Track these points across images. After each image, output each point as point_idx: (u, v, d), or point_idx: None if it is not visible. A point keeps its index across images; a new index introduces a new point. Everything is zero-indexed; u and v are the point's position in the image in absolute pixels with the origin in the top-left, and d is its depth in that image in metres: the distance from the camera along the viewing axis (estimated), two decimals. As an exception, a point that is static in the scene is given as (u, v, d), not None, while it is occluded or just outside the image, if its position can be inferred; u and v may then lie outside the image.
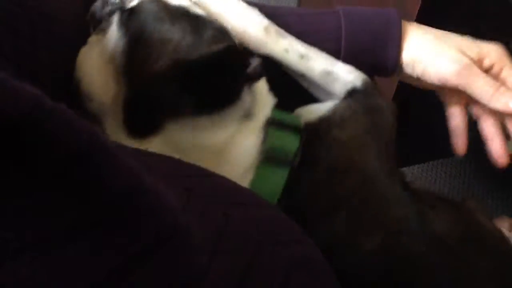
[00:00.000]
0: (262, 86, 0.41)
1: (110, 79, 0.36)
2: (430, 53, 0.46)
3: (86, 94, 0.37)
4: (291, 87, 0.46)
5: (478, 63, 0.46)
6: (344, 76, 0.44)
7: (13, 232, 0.18)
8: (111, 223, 0.21)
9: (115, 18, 0.38)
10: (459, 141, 0.50)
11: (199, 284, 0.22)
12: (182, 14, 0.38)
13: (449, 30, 0.48)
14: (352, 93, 0.44)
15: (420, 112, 0.68)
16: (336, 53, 0.46)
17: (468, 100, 0.49)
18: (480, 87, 0.44)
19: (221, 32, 0.38)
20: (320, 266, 0.31)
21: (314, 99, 0.47)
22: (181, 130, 0.36)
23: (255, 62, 0.37)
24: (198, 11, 0.39)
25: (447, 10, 0.64)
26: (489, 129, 0.48)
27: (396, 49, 0.46)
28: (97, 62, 0.37)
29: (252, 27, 0.42)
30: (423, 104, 0.58)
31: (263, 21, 0.43)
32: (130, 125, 0.36)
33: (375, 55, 0.47)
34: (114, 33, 0.37)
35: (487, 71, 0.46)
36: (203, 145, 0.37)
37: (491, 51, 0.47)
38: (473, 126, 0.50)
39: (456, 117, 0.50)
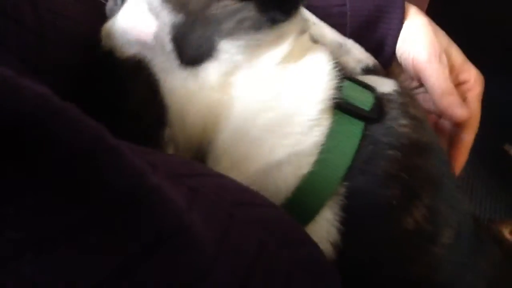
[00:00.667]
0: None
1: (147, 16, 0.35)
2: (418, 35, 0.46)
3: (125, 44, 0.35)
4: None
5: (455, 73, 0.46)
6: (356, 52, 0.44)
7: (15, 231, 0.18)
8: (113, 223, 0.20)
9: None
10: None
11: (201, 283, 0.22)
12: None
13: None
14: (367, 72, 0.44)
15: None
16: (342, 27, 0.46)
17: None
18: (439, 80, 0.44)
19: None
20: (324, 267, 0.31)
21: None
22: (238, 50, 0.35)
23: None
24: None
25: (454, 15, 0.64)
26: None
27: (398, 24, 0.47)
28: (128, 10, 0.36)
29: None
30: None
31: None
32: (182, 53, 0.35)
33: (379, 28, 0.47)
34: None
35: (458, 84, 0.47)
36: (264, 63, 0.36)
37: (473, 71, 0.47)
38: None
39: None
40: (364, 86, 0.39)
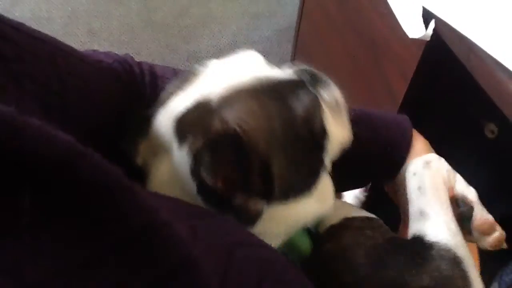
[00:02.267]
0: None
1: None
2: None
3: None
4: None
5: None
6: (432, 232, 0.46)
7: (31, 264, 0.20)
8: (126, 254, 0.22)
9: None
10: None
11: None
12: None
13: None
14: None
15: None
16: None
17: None
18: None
19: None
20: None
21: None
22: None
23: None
24: None
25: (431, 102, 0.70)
26: None
27: (406, 152, 0.53)
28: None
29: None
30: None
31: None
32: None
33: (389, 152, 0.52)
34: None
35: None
36: None
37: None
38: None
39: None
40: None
